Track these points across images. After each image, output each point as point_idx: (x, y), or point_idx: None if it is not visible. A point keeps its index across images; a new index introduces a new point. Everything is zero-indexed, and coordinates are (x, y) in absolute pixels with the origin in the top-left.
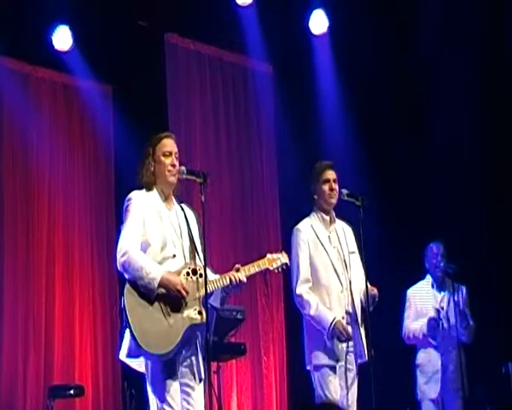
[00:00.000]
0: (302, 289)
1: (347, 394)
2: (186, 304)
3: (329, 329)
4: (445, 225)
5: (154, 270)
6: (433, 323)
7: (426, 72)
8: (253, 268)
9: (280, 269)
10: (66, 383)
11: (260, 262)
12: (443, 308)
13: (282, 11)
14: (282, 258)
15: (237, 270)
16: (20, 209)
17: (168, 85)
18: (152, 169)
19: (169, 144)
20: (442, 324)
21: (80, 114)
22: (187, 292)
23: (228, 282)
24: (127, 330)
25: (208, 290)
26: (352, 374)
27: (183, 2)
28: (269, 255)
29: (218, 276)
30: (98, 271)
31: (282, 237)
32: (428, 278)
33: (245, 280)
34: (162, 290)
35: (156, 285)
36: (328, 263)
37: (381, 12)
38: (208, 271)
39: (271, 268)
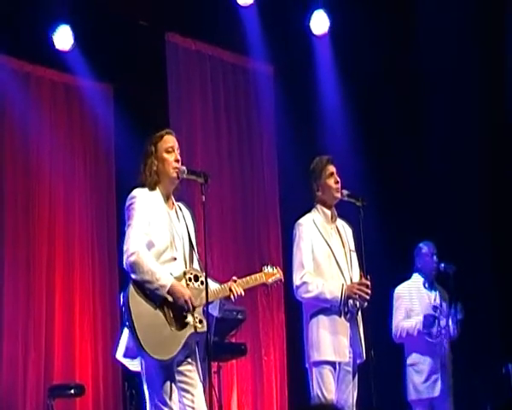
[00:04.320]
0: (306, 276)
1: (347, 394)
2: (189, 312)
3: (342, 293)
4: (442, 224)
5: (164, 277)
6: (431, 319)
7: (426, 71)
8: (251, 281)
9: (275, 285)
10: (67, 383)
11: (258, 276)
12: (441, 305)
13: (283, 11)
14: (278, 274)
15: (234, 282)
16: (21, 208)
17: (169, 85)
18: (155, 168)
19: (171, 140)
20: (439, 321)
21: (81, 114)
22: (193, 305)
23: (228, 293)
24: (125, 329)
25: (209, 300)
26: (351, 374)
27: (184, 2)
28: (265, 269)
29: (218, 285)
30: (98, 270)
31: (282, 235)
32: (416, 277)
33: (243, 293)
34: (169, 297)
35: (165, 292)
36: (330, 257)
37: (382, 12)
38: (208, 279)
39: (268, 283)
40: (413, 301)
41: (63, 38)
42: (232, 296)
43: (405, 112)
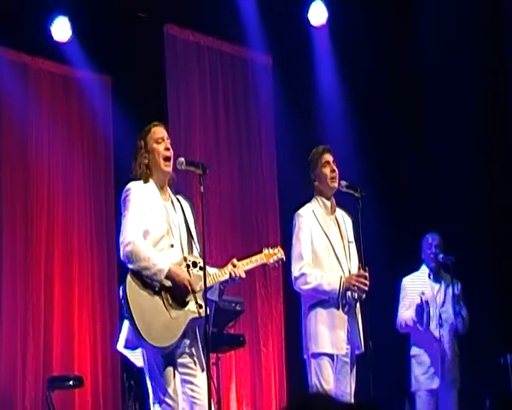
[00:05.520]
0: (304, 267)
1: (345, 385)
2: (188, 297)
3: (341, 285)
4: (442, 216)
5: (161, 261)
6: (420, 310)
7: (424, 62)
8: (250, 263)
9: (277, 264)
10: (66, 374)
11: (258, 257)
12: (445, 295)
13: (282, 2)
14: (279, 253)
15: (234, 265)
16: (19, 200)
17: (167, 76)
18: (146, 162)
19: (159, 131)
20: (428, 313)
21: (79, 105)
22: (192, 287)
23: (227, 277)
24: (126, 321)
25: (208, 284)
26: (349, 365)
27: None
28: (265, 250)
29: (216, 270)
30: (97, 261)
31: (280, 224)
32: (424, 269)
33: (244, 276)
34: (167, 282)
35: (163, 277)
36: (329, 248)
37: (380, 3)
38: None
39: (269, 263)
40: (416, 292)
41: (61, 29)
42: (234, 277)
43: (405, 103)
